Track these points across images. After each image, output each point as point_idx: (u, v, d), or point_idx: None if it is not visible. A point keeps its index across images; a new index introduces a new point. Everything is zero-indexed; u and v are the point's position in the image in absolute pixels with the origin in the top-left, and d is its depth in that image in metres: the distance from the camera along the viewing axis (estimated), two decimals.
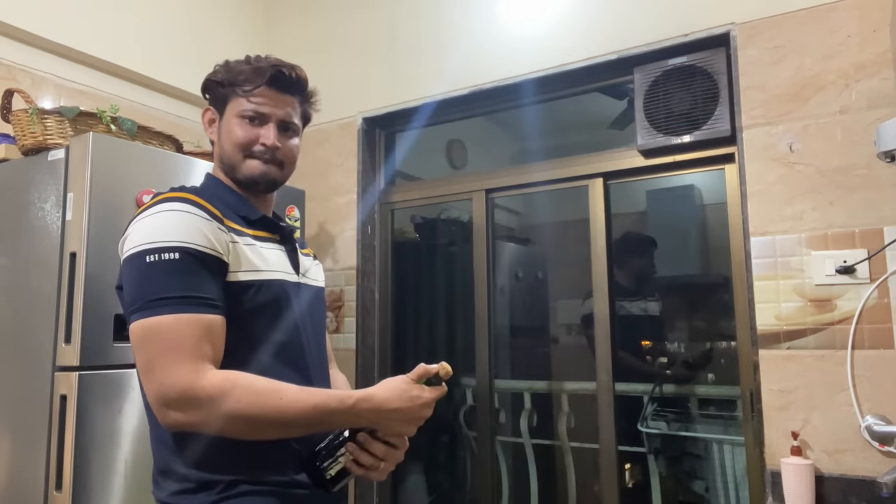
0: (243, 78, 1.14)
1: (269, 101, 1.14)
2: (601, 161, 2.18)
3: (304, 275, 1.20)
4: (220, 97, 1.17)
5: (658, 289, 3.15)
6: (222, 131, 1.16)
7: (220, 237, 1.03)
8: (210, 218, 1.03)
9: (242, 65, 1.16)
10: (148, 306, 0.95)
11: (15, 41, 2.04)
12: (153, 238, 0.98)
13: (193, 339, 0.95)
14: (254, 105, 1.13)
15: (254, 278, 1.06)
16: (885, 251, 1.61)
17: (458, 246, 3.12)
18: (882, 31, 1.67)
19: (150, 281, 0.97)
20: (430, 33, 2.47)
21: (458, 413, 2.94)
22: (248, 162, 1.14)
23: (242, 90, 1.13)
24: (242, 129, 1.13)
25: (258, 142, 1.13)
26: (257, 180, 1.15)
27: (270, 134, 1.14)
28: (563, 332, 3.81)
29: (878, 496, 1.39)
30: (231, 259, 1.03)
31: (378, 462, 1.05)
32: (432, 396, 1.03)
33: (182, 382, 0.93)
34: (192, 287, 0.97)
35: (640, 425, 2.55)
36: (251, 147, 1.13)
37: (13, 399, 1.62)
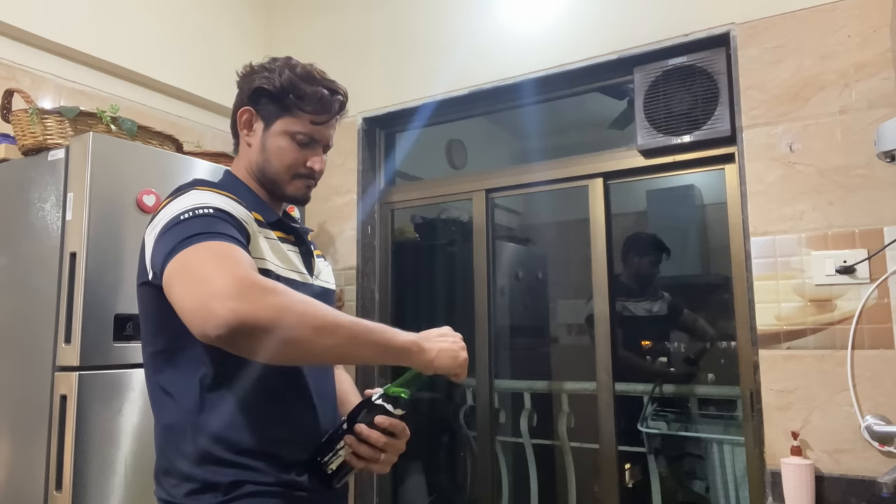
0: (307, 100, 1.12)
1: (323, 127, 1.15)
2: (601, 161, 2.18)
3: (318, 276, 1.20)
4: (271, 106, 1.14)
5: (664, 289, 3.15)
6: (267, 143, 1.14)
7: (246, 221, 1.02)
8: (237, 204, 1.03)
9: (306, 84, 1.13)
10: (182, 242, 0.90)
11: (15, 41, 2.04)
12: (187, 203, 0.97)
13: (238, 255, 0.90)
14: (310, 130, 1.13)
15: (267, 268, 1.04)
16: (885, 251, 1.61)
17: (458, 246, 3.12)
18: (882, 31, 1.67)
19: (185, 228, 0.92)
20: (429, 33, 2.47)
21: (458, 413, 2.94)
22: (294, 182, 1.15)
23: (303, 111, 1.12)
24: (293, 152, 1.13)
25: (305, 165, 1.15)
26: (300, 199, 1.18)
27: (320, 159, 1.16)
28: (563, 332, 3.81)
29: (878, 496, 1.39)
30: (251, 246, 1.02)
31: (377, 453, 1.03)
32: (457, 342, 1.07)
33: (240, 273, 0.85)
34: (225, 229, 0.94)
35: (640, 425, 2.55)
36: (299, 169, 1.15)
37: (13, 399, 1.62)
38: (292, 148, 1.13)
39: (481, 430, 2.37)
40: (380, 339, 0.97)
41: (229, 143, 1.29)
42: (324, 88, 1.14)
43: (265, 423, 1.03)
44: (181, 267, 0.88)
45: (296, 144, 1.13)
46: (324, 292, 1.20)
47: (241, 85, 1.19)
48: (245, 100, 1.17)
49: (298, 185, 1.16)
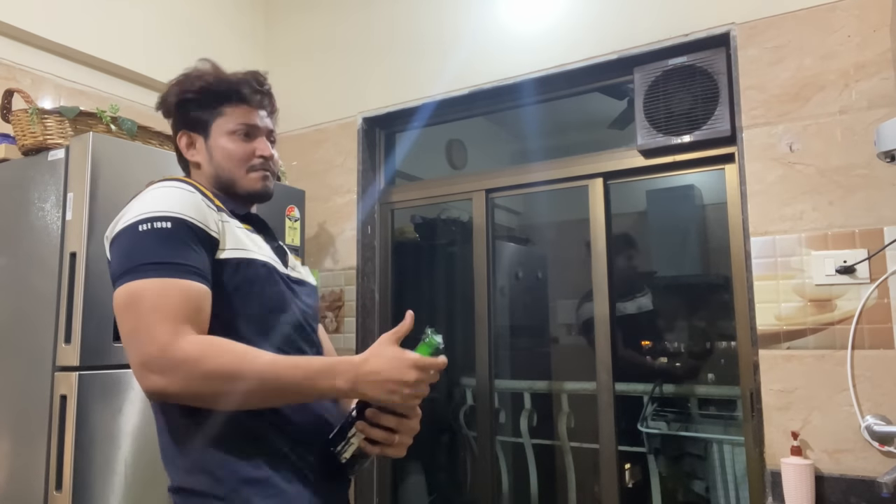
0: (231, 94, 1.15)
1: (256, 116, 1.17)
2: (601, 161, 2.18)
3: (293, 269, 1.20)
4: (199, 120, 1.16)
5: (651, 285, 3.15)
6: (213, 151, 1.15)
7: (211, 215, 1.04)
8: (203, 197, 1.05)
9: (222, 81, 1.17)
10: (135, 270, 0.95)
11: (15, 41, 2.04)
12: (147, 209, 0.99)
13: (178, 304, 0.93)
14: (245, 120, 1.15)
15: (243, 256, 1.05)
16: (885, 251, 1.61)
17: (458, 246, 3.12)
18: (882, 31, 1.67)
19: (140, 247, 0.96)
20: (430, 33, 2.47)
21: (458, 413, 2.94)
22: (249, 176, 1.15)
23: (232, 105, 1.15)
24: (239, 146, 1.14)
25: (255, 155, 1.15)
26: (260, 192, 1.17)
27: (266, 146, 1.16)
28: (563, 332, 3.81)
29: (878, 496, 1.39)
30: (221, 236, 1.04)
31: (392, 436, 1.01)
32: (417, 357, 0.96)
33: (161, 342, 0.90)
34: (181, 255, 0.96)
35: (640, 425, 2.55)
36: (250, 161, 1.15)
37: (13, 399, 1.62)
38: (236, 143, 1.14)
39: (481, 430, 2.37)
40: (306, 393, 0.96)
41: None
42: (238, 78, 1.17)
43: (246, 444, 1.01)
44: (125, 306, 0.95)
45: (239, 139, 1.15)
46: (302, 282, 1.18)
47: (164, 112, 1.22)
48: (176, 124, 1.20)
49: (254, 177, 1.15)
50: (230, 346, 0.94)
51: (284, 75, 2.82)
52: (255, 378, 0.92)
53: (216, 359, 0.91)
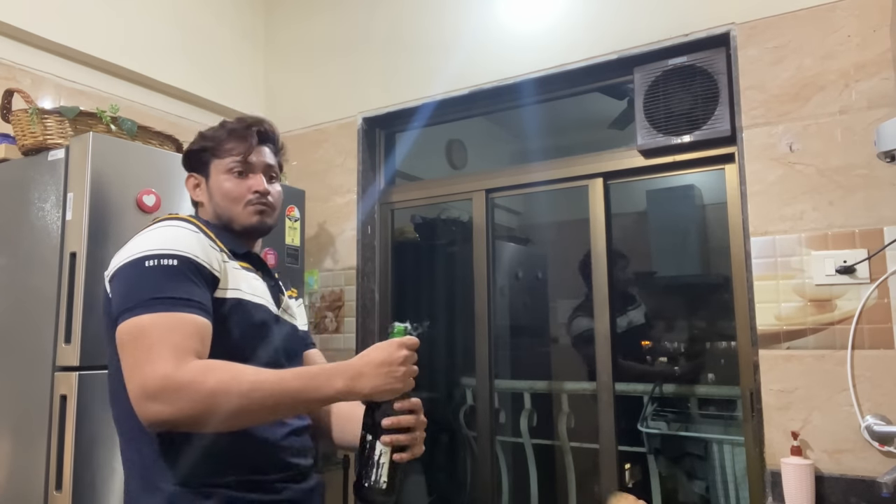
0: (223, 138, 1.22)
1: (253, 153, 1.22)
2: (601, 161, 2.18)
3: (285, 311, 1.25)
4: (201, 162, 1.24)
5: (651, 286, 3.15)
6: (212, 190, 1.22)
7: (213, 254, 1.09)
8: (207, 239, 1.11)
9: (219, 128, 1.24)
10: (143, 304, 0.98)
11: (15, 41, 2.04)
12: (152, 246, 1.04)
13: (183, 336, 0.97)
14: (239, 159, 1.21)
15: (241, 297, 1.11)
16: (885, 251, 1.61)
17: (458, 246, 3.12)
18: (882, 31, 1.67)
19: (147, 282, 1.00)
20: (429, 33, 2.47)
21: (458, 413, 2.94)
22: (245, 210, 1.20)
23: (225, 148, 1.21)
24: (233, 183, 1.20)
25: (251, 191, 1.20)
26: (256, 227, 1.22)
27: (260, 181, 1.21)
28: (563, 332, 3.81)
29: (878, 496, 1.39)
30: (222, 276, 1.09)
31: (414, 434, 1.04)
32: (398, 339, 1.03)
33: (164, 370, 0.93)
34: (187, 291, 1.01)
35: (640, 425, 2.56)
36: (245, 197, 1.20)
37: (13, 399, 1.62)
38: (232, 181, 1.21)
39: (481, 430, 2.37)
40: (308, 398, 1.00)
41: None
42: (234, 124, 1.24)
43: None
44: (130, 338, 0.98)
45: (234, 177, 1.21)
46: (289, 326, 1.24)
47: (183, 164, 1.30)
48: (186, 169, 1.28)
49: (249, 211, 1.20)
50: (229, 364, 0.98)
51: (284, 75, 2.82)
52: (258, 389, 0.95)
53: (219, 375, 0.95)
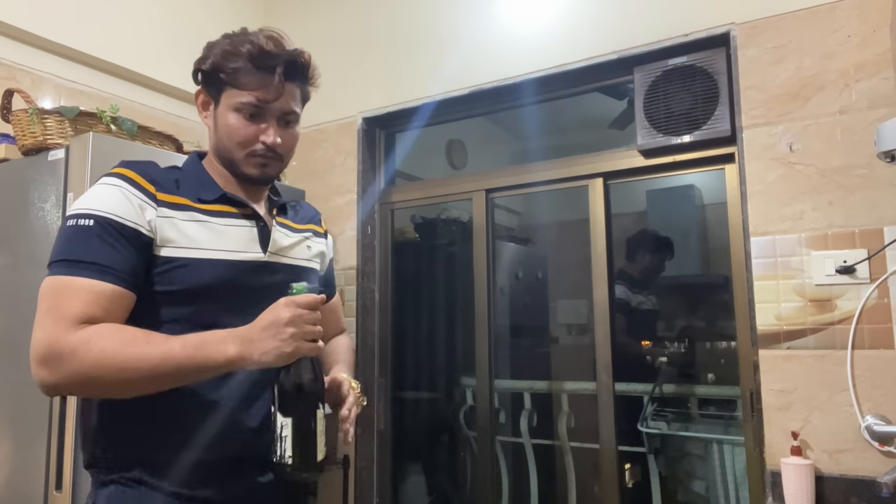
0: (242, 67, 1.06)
1: (268, 93, 1.06)
2: (601, 161, 2.18)
3: (279, 252, 1.13)
4: (213, 81, 1.10)
5: (660, 288, 3.16)
6: (218, 121, 1.10)
7: (145, 212, 1.00)
8: (140, 193, 1.01)
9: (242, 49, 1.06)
10: (52, 265, 0.97)
11: (15, 41, 2.04)
12: (77, 205, 1.00)
13: (77, 302, 0.93)
14: (252, 98, 1.06)
15: (181, 255, 1.01)
16: (885, 251, 1.61)
17: (458, 246, 3.12)
18: (882, 31, 1.67)
19: (61, 243, 0.98)
20: (430, 33, 2.47)
21: (458, 413, 2.94)
22: (249, 160, 1.09)
23: (240, 83, 1.06)
24: (242, 127, 1.07)
25: (258, 140, 1.08)
26: (255, 179, 1.12)
27: (271, 132, 1.08)
28: (563, 332, 3.81)
29: (878, 496, 1.39)
30: (159, 235, 1.00)
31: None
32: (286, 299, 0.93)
33: (49, 337, 0.91)
34: (95, 253, 0.95)
35: (640, 425, 2.55)
36: (251, 144, 1.08)
37: (13, 399, 1.62)
38: (241, 122, 1.07)
39: (481, 430, 2.37)
40: (197, 366, 0.92)
41: None
42: (258, 53, 1.06)
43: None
44: (39, 299, 0.97)
45: (243, 118, 1.07)
46: (289, 269, 1.13)
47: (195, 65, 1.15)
48: (196, 81, 1.14)
49: (252, 161, 1.09)
50: (119, 330, 0.93)
51: None
52: (144, 358, 0.90)
53: (103, 343, 0.90)
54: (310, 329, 0.93)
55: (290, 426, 0.93)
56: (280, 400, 0.95)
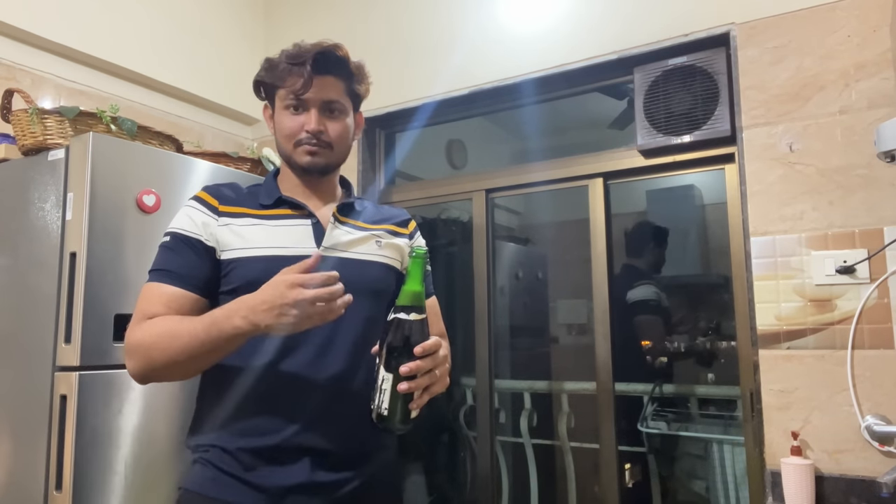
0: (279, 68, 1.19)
1: (307, 87, 1.17)
2: (601, 161, 2.18)
3: (335, 247, 1.19)
4: (269, 93, 1.24)
5: (663, 289, 3.16)
6: (276, 125, 1.23)
7: (207, 224, 1.15)
8: (204, 208, 1.17)
9: (281, 58, 1.20)
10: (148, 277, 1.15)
11: (15, 41, 2.04)
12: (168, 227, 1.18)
13: (149, 303, 1.10)
14: (293, 94, 1.18)
15: (238, 255, 1.14)
16: (885, 251, 1.61)
17: (458, 246, 3.12)
18: (882, 31, 1.67)
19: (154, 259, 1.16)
20: (429, 33, 2.47)
21: (458, 413, 2.94)
22: (297, 150, 1.20)
23: (281, 78, 1.19)
24: (288, 120, 1.20)
25: (302, 129, 1.19)
26: (306, 168, 1.21)
27: (312, 120, 1.18)
28: (563, 332, 3.81)
29: (878, 496, 1.39)
30: (219, 241, 1.15)
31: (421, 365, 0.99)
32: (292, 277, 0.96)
33: (127, 334, 1.09)
34: (166, 262, 1.13)
35: (640, 425, 2.56)
36: (297, 135, 1.19)
37: (13, 399, 1.62)
38: (287, 117, 1.20)
39: (481, 430, 2.37)
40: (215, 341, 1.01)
41: (229, 143, 1.32)
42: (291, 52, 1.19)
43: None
44: None
45: (289, 113, 1.20)
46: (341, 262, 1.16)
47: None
48: (258, 96, 1.28)
49: (300, 151, 1.20)
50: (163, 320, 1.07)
51: None
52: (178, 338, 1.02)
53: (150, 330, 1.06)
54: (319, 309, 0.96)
55: (390, 381, 0.99)
56: (385, 356, 1.01)
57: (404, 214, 1.38)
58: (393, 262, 1.27)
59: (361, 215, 1.28)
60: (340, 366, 1.13)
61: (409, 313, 1.01)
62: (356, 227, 1.25)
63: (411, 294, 1.02)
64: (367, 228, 1.26)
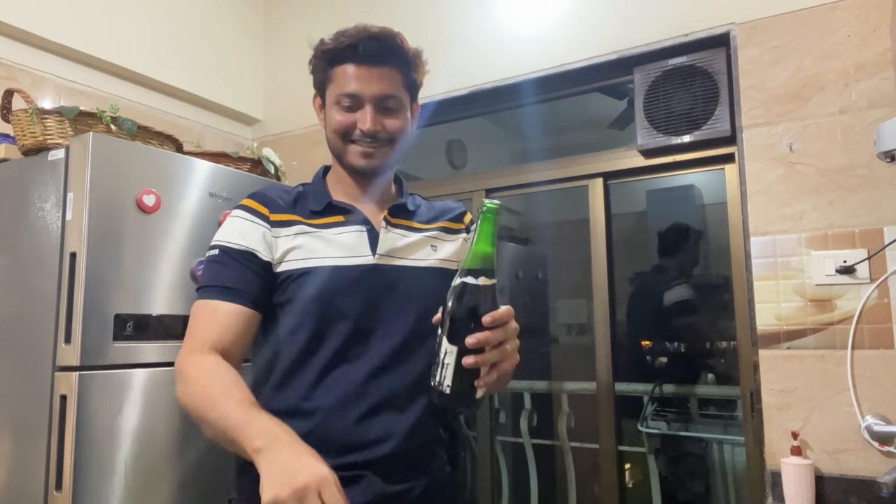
0: (333, 56, 1.11)
1: (359, 81, 1.08)
2: (601, 161, 2.18)
3: (391, 254, 1.12)
4: (319, 83, 1.15)
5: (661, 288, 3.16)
6: (326, 120, 1.14)
7: (261, 236, 1.08)
8: (256, 219, 1.10)
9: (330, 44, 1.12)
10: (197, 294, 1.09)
11: (15, 41, 2.04)
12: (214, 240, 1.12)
13: (201, 323, 1.03)
14: (344, 89, 1.09)
15: (292, 268, 1.07)
16: (885, 251, 1.61)
17: None
18: (882, 31, 1.67)
19: (202, 274, 1.11)
20: (429, 33, 2.47)
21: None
22: (350, 148, 1.11)
23: (333, 69, 1.11)
24: (340, 116, 1.10)
25: (356, 127, 1.09)
26: (360, 169, 1.12)
27: (367, 118, 1.08)
28: (563, 332, 3.81)
29: (878, 496, 1.39)
30: (275, 253, 1.08)
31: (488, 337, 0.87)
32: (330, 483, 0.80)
33: (178, 357, 1.02)
34: (217, 277, 1.06)
35: (640, 425, 2.55)
36: (350, 133, 1.10)
37: (13, 399, 1.61)
38: (339, 113, 1.10)
39: (481, 430, 2.37)
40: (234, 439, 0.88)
41: (229, 143, 1.31)
42: (347, 37, 1.10)
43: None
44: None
45: (341, 109, 1.10)
46: (398, 270, 1.11)
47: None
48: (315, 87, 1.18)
49: (353, 151, 1.11)
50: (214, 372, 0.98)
51: (284, 75, 2.82)
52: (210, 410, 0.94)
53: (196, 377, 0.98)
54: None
55: (454, 354, 0.88)
56: (449, 326, 0.89)
57: (460, 208, 1.28)
58: (449, 265, 1.17)
59: (415, 215, 1.20)
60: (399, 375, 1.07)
61: (478, 277, 0.88)
62: (410, 228, 1.17)
63: (481, 256, 0.89)
64: (422, 229, 1.18)
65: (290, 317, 1.07)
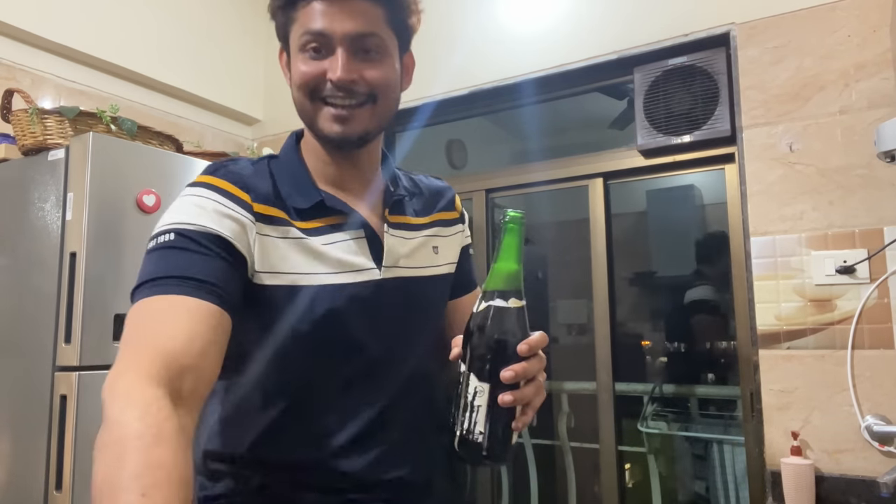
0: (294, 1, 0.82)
1: (328, 17, 0.79)
2: (601, 161, 2.18)
3: (396, 264, 0.88)
4: (282, 30, 0.86)
5: (650, 285, 3.16)
6: (291, 75, 0.85)
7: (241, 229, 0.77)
8: (233, 205, 0.78)
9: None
10: (132, 295, 0.73)
11: (15, 41, 2.04)
12: (163, 222, 0.78)
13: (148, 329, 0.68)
14: (310, 26, 0.80)
15: (280, 283, 0.79)
16: (885, 251, 1.61)
17: None
18: (882, 31, 1.67)
19: (143, 267, 0.74)
20: (429, 33, 2.46)
21: None
22: (321, 112, 0.82)
23: (296, 14, 0.82)
24: (305, 65, 0.81)
25: (326, 79, 0.80)
26: (334, 138, 0.83)
27: (338, 64, 0.79)
28: (563, 332, 3.81)
29: (878, 496, 1.39)
30: (257, 255, 0.78)
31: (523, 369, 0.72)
32: None
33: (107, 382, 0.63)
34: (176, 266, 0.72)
35: (640, 425, 2.56)
36: (320, 88, 0.81)
37: (13, 399, 1.62)
38: (303, 62, 0.81)
39: None
40: None
41: (229, 143, 1.29)
42: None
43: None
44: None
45: (307, 56, 0.81)
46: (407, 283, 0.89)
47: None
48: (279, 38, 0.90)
49: (324, 115, 0.82)
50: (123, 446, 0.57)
51: None
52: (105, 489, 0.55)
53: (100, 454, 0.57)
54: None
55: (485, 394, 0.71)
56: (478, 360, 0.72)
57: (448, 190, 1.05)
58: (450, 268, 0.99)
59: (410, 207, 0.95)
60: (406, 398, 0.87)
61: (508, 299, 0.74)
62: (409, 227, 0.93)
63: (507, 274, 0.75)
64: (419, 226, 0.95)
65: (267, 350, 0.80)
